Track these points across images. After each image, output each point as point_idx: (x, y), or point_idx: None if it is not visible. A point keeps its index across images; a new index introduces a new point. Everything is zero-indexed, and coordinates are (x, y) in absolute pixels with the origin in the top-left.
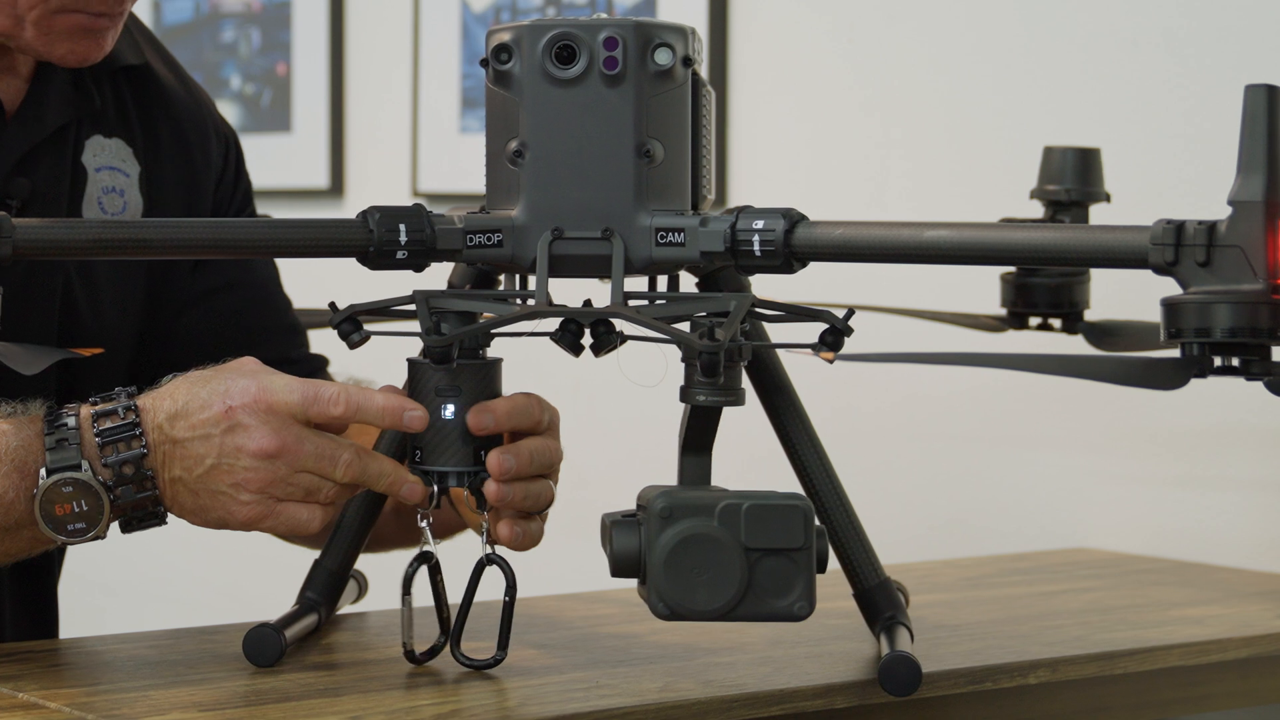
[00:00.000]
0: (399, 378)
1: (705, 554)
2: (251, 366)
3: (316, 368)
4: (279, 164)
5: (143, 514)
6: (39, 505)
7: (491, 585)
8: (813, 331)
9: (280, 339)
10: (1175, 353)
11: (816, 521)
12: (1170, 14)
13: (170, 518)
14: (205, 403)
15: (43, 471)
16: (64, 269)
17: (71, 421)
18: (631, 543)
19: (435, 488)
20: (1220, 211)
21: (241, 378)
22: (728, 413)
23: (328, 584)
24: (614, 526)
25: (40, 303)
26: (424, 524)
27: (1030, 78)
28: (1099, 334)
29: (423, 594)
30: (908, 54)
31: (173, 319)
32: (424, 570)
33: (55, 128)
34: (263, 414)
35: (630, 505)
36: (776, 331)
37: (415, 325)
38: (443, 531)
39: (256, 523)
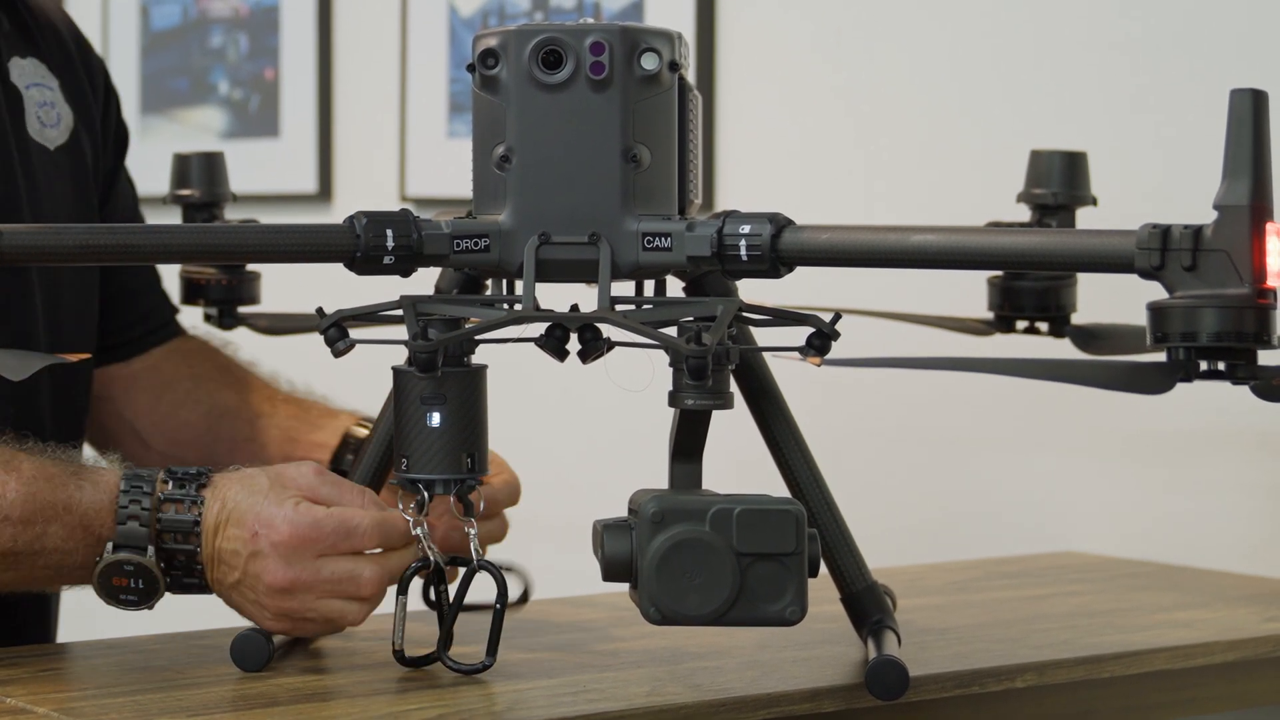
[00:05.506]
0: (381, 385)
1: (697, 559)
2: (303, 481)
3: (169, 318)
4: (267, 169)
5: (193, 589)
6: (98, 574)
7: (479, 590)
8: (799, 335)
9: (144, 282)
10: (1161, 357)
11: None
12: (1154, 19)
13: None
14: (241, 518)
15: (110, 545)
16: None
17: (145, 501)
18: (623, 547)
19: (424, 495)
20: (1206, 216)
21: (279, 504)
22: (715, 416)
23: None
24: (605, 531)
25: (24, 306)
26: (418, 531)
27: (1015, 82)
28: (1086, 338)
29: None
30: (894, 59)
31: None
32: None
33: None
34: (284, 549)
35: (618, 510)
36: (763, 336)
37: (402, 331)
38: None
39: (285, 633)
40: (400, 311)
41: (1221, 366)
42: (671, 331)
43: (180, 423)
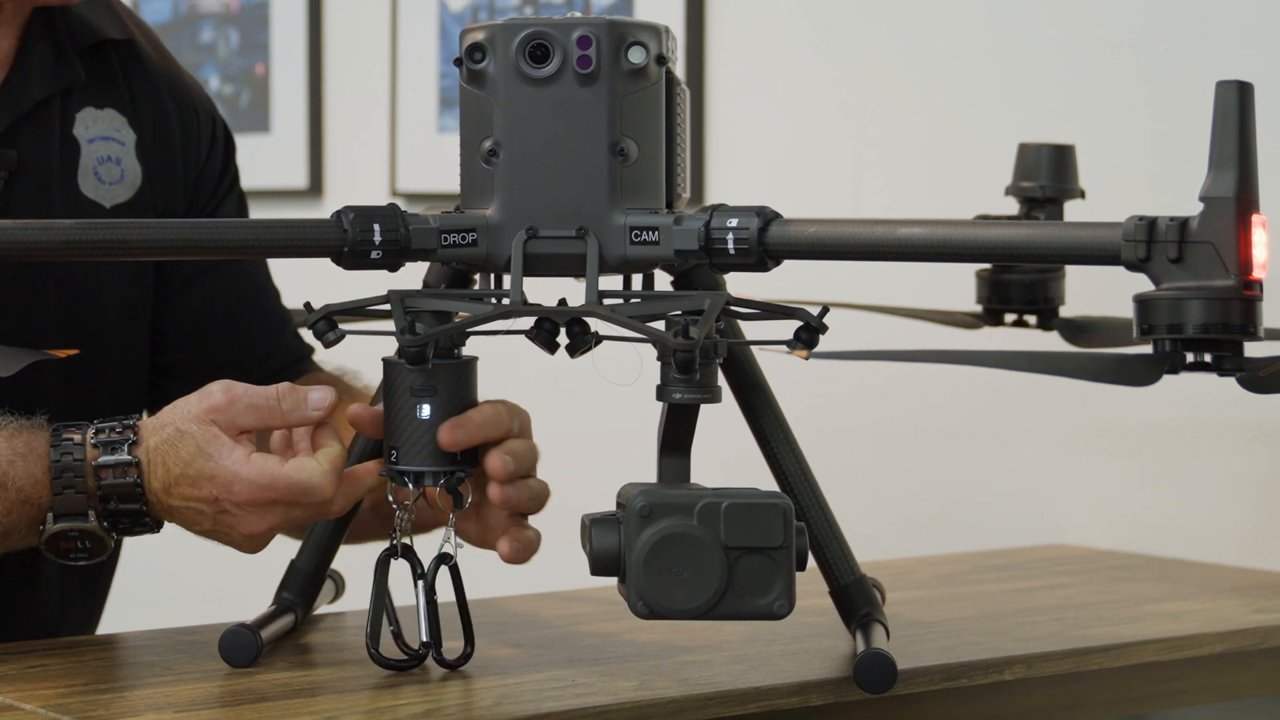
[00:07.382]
0: (374, 377)
1: (685, 553)
2: (222, 420)
3: (296, 358)
4: (257, 164)
5: (143, 531)
6: (44, 540)
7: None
8: (788, 329)
9: (262, 326)
10: (1148, 349)
11: (796, 520)
12: (1141, 13)
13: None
14: (194, 480)
15: (50, 516)
16: (62, 268)
17: (77, 466)
18: (611, 541)
19: (412, 487)
20: (1192, 208)
21: (225, 460)
22: (703, 411)
23: (304, 584)
24: (593, 525)
25: (32, 301)
26: (400, 520)
27: (1004, 77)
28: (1074, 330)
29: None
30: (883, 53)
31: (167, 303)
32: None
33: (37, 101)
34: (250, 506)
35: (607, 504)
36: (751, 329)
37: (390, 325)
38: (418, 528)
39: (262, 550)
40: (388, 306)
41: (1208, 358)
42: (659, 325)
43: None
